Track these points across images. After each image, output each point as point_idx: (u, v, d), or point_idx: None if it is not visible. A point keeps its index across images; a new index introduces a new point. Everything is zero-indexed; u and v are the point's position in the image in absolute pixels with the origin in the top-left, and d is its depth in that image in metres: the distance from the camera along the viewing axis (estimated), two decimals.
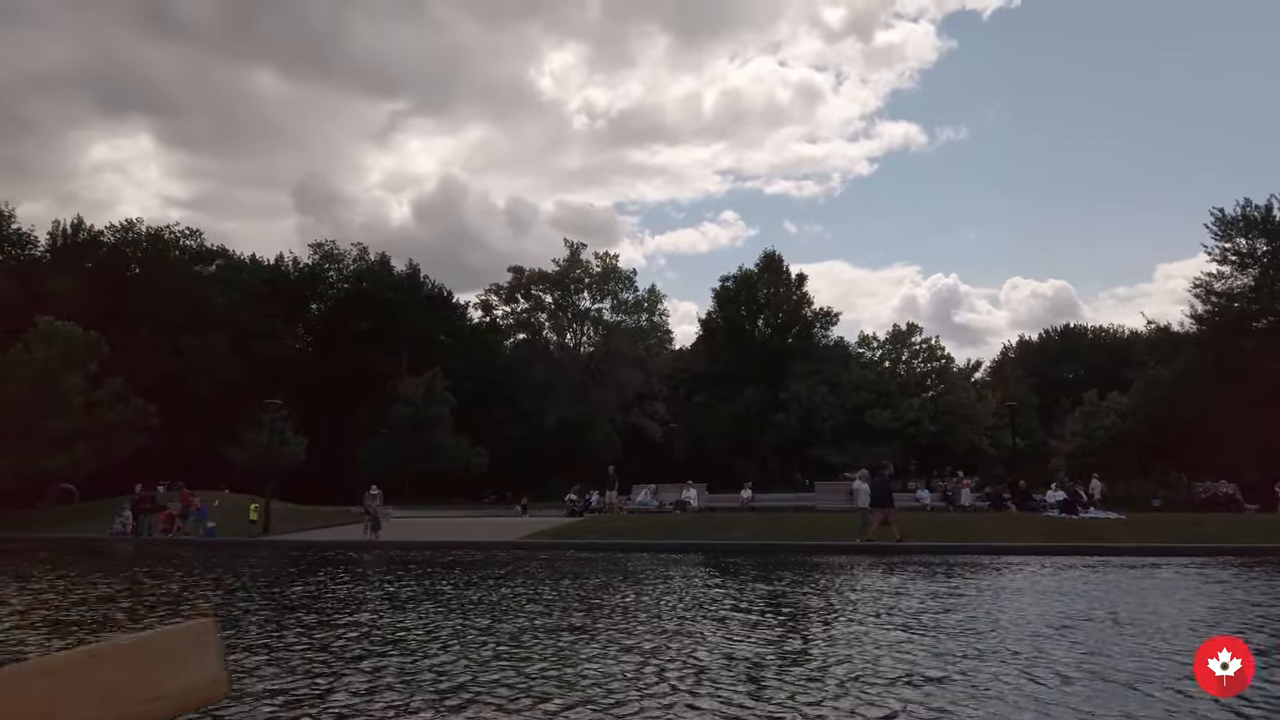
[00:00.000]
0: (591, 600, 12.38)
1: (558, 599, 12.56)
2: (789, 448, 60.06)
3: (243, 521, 30.63)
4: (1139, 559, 17.87)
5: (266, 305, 67.45)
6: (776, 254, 70.01)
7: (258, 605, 12.48)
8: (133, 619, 11.26)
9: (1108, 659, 7.62)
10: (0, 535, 30.97)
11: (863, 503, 21.57)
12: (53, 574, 17.83)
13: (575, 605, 11.80)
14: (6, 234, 64.21)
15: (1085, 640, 8.63)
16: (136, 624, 10.72)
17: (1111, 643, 8.45)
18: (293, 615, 11.29)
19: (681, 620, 10.33)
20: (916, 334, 63.35)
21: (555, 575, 16.12)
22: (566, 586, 14.13)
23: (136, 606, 12.62)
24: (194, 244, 69.64)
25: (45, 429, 37.77)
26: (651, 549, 21.82)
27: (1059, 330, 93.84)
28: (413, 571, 17.27)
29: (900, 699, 6.29)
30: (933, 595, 12.47)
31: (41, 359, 39.06)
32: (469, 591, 13.65)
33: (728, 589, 13.60)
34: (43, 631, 10.12)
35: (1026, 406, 76.44)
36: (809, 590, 13.55)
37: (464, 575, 16.40)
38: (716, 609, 11.27)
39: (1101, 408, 52.16)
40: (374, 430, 60.94)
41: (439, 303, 76.96)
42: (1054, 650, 8.04)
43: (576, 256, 74.07)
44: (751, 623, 10.04)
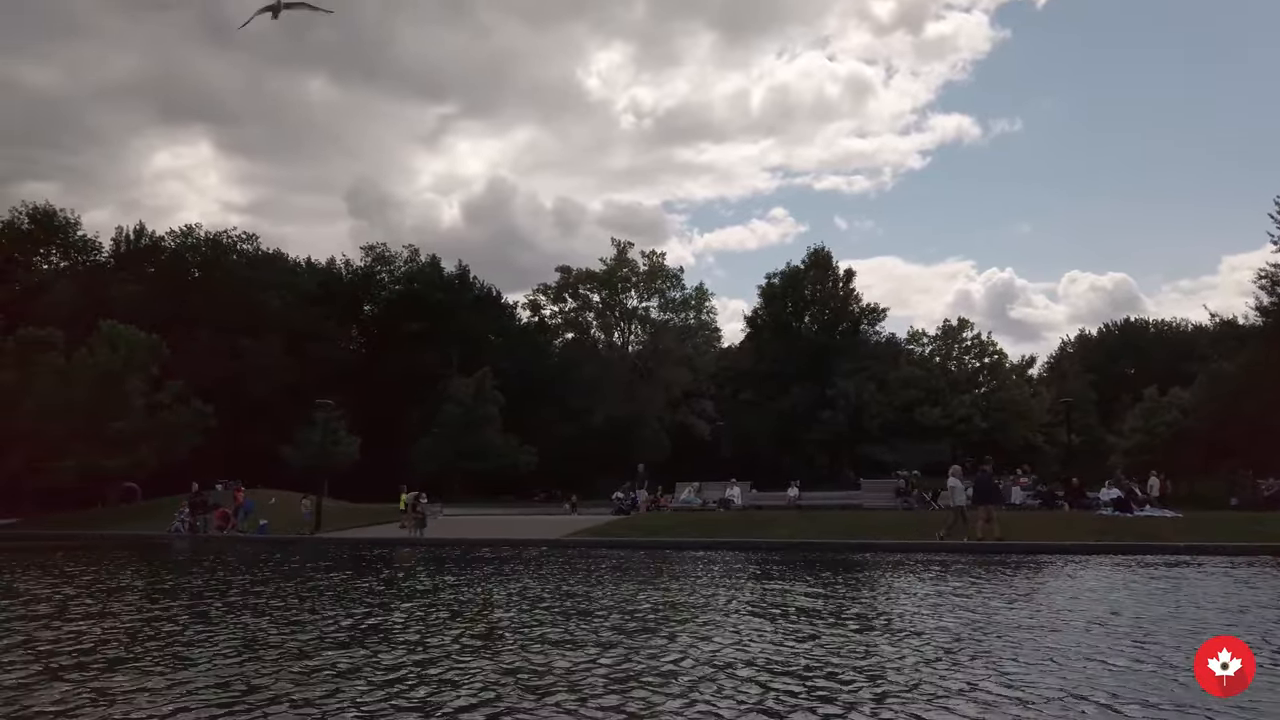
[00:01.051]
0: (568, 598, 12.29)
1: (520, 597, 12.59)
2: (837, 445, 59.41)
3: (298, 520, 31.19)
4: (1187, 558, 17.32)
5: (320, 308, 68.79)
6: (824, 250, 69.40)
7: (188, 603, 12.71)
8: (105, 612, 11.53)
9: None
10: (63, 532, 32.11)
11: (957, 500, 20.86)
12: (90, 567, 18.51)
13: (544, 603, 11.75)
14: (73, 241, 66.44)
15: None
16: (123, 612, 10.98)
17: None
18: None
19: (647, 619, 10.27)
20: (967, 329, 62.29)
21: (563, 572, 16.31)
22: (558, 584, 14.14)
23: (133, 598, 12.95)
24: (250, 248, 71.37)
25: (108, 430, 38.96)
26: (688, 547, 21.83)
27: (1119, 325, 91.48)
28: (428, 568, 17.56)
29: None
30: (998, 597, 12.22)
31: (104, 362, 40.31)
32: (444, 592, 13.73)
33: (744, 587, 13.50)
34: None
35: (1085, 403, 74.64)
36: (849, 591, 13.38)
37: (463, 572, 16.72)
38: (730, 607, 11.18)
39: (1163, 403, 50.73)
40: (425, 429, 61.78)
41: (488, 303, 77.71)
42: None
43: (623, 255, 74.19)
44: (766, 626, 9.94)
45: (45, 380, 39.05)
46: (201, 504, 31.41)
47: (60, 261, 66.54)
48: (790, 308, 66.41)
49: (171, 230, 69.33)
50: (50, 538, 30.29)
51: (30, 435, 38.38)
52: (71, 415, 38.58)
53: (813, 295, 66.63)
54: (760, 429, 63.90)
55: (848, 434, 59.17)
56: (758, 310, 72.09)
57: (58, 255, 66.68)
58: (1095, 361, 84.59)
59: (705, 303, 75.80)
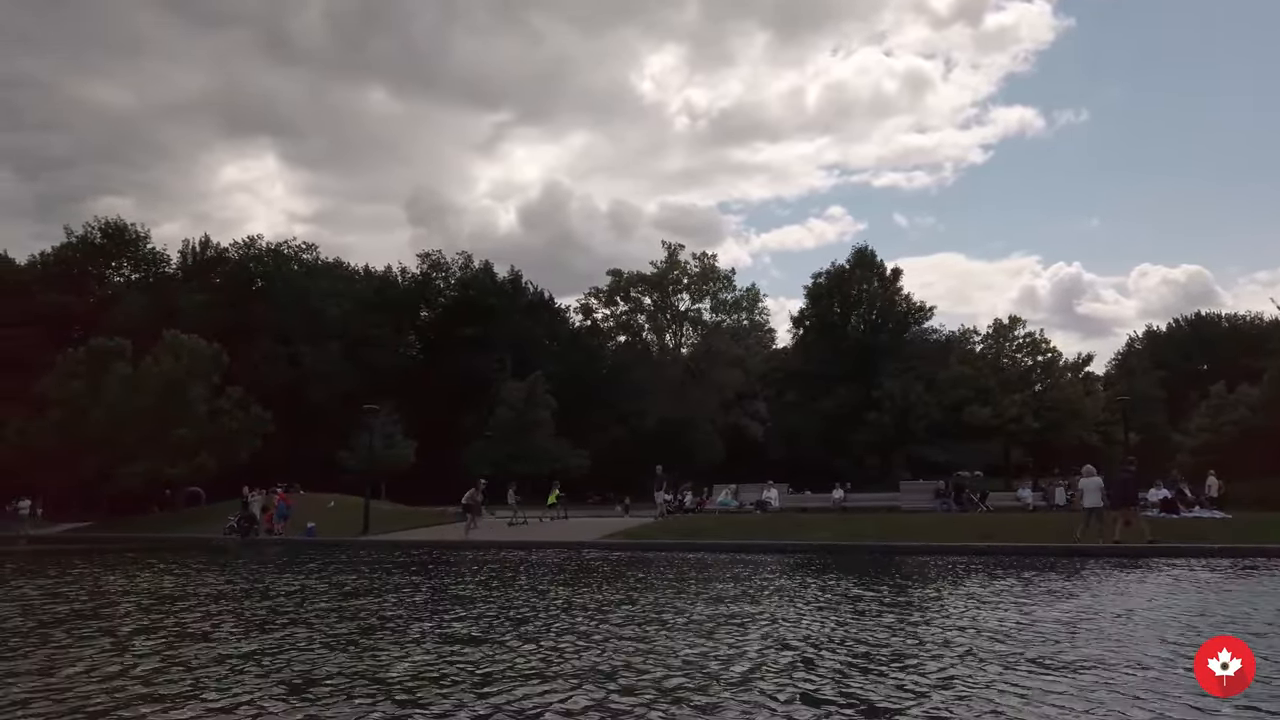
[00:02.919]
0: (521, 604, 12.35)
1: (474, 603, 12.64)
2: (883, 446, 58.54)
3: (352, 522, 31.90)
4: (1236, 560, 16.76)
5: (378, 314, 70.32)
6: (868, 249, 68.68)
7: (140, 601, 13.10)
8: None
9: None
10: (128, 535, 33.49)
11: (1089, 502, 20.19)
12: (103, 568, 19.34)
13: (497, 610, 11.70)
14: (143, 254, 69.09)
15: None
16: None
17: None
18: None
19: (599, 625, 10.21)
20: (1019, 327, 60.80)
21: (559, 575, 16.52)
22: (532, 587, 14.28)
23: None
24: (310, 257, 73.29)
25: (172, 437, 40.40)
26: (713, 549, 21.85)
27: (1189, 319, 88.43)
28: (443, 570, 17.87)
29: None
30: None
31: (168, 371, 41.79)
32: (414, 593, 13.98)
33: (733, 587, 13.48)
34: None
35: (1152, 400, 72.34)
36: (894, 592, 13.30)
37: (460, 574, 16.98)
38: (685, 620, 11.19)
39: (1230, 400, 48.83)
40: (479, 433, 62.67)
41: (540, 307, 78.50)
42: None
43: (674, 257, 74.31)
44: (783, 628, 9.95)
45: (114, 389, 40.66)
46: (244, 508, 32.42)
47: (131, 274, 69.26)
48: (837, 308, 65.72)
49: (234, 242, 71.67)
50: (116, 540, 31.63)
51: (101, 442, 40.03)
52: (138, 422, 40.12)
53: (858, 295, 65.88)
54: (807, 430, 63.38)
55: (894, 435, 58.25)
56: (803, 310, 71.61)
57: (129, 268, 69.43)
58: (1165, 358, 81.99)
59: (757, 303, 75.56)
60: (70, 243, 66.79)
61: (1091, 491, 20.22)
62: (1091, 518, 19.94)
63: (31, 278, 63.57)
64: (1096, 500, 20.05)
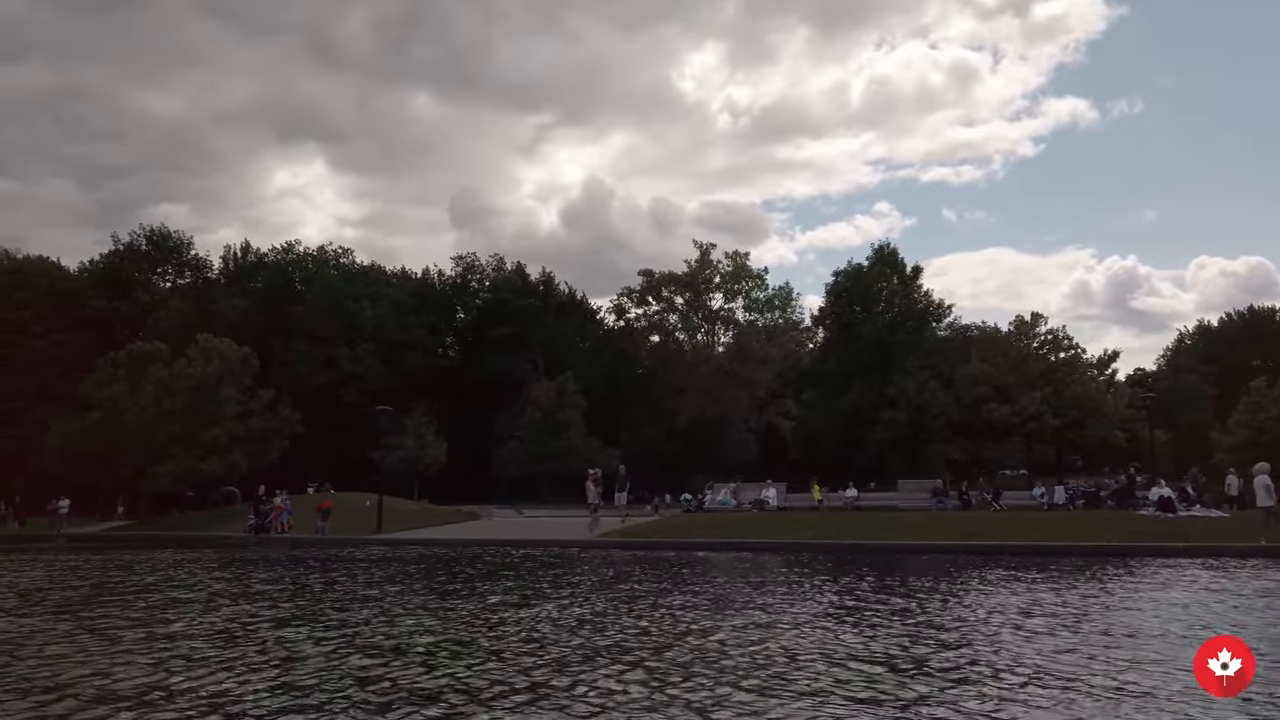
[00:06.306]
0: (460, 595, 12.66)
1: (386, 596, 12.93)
2: (901, 445, 57.85)
3: (371, 520, 32.40)
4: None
5: (413, 317, 71.36)
6: (889, 247, 67.75)
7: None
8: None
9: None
10: (158, 533, 34.63)
11: (1264, 501, 18.95)
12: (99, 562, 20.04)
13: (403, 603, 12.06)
14: (186, 260, 71.13)
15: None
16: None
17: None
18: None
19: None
20: (1041, 323, 59.65)
21: (531, 574, 16.76)
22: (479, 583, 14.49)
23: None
24: (348, 261, 74.69)
25: (203, 437, 41.68)
26: (690, 548, 22.02)
27: (1241, 313, 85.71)
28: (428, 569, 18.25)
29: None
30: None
31: (201, 373, 43.08)
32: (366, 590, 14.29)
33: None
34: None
35: (1200, 397, 70.36)
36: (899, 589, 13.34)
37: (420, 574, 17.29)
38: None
39: (1272, 397, 47.42)
40: (510, 433, 63.36)
41: (572, 308, 78.91)
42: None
43: (706, 257, 74.04)
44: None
45: (148, 391, 42.05)
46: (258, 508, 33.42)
47: (175, 279, 71.36)
48: (856, 307, 65.12)
49: (274, 247, 73.30)
50: (146, 538, 32.77)
51: (135, 442, 41.45)
52: (170, 423, 41.46)
53: (878, 293, 65.26)
54: (825, 428, 62.98)
55: (910, 433, 57.57)
56: (823, 309, 71.09)
57: (173, 273, 71.55)
58: (1216, 352, 79.67)
59: (790, 301, 75.04)
60: (118, 250, 69.03)
61: (1262, 490, 19.01)
62: (1270, 518, 18.74)
63: (82, 285, 65.81)
64: (1266, 499, 18.85)
